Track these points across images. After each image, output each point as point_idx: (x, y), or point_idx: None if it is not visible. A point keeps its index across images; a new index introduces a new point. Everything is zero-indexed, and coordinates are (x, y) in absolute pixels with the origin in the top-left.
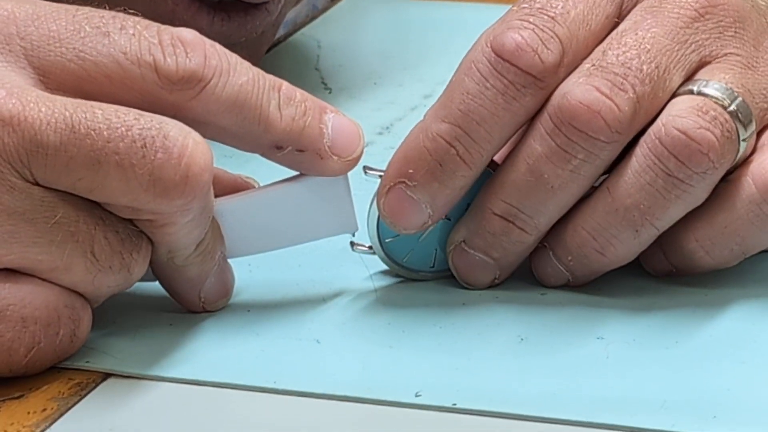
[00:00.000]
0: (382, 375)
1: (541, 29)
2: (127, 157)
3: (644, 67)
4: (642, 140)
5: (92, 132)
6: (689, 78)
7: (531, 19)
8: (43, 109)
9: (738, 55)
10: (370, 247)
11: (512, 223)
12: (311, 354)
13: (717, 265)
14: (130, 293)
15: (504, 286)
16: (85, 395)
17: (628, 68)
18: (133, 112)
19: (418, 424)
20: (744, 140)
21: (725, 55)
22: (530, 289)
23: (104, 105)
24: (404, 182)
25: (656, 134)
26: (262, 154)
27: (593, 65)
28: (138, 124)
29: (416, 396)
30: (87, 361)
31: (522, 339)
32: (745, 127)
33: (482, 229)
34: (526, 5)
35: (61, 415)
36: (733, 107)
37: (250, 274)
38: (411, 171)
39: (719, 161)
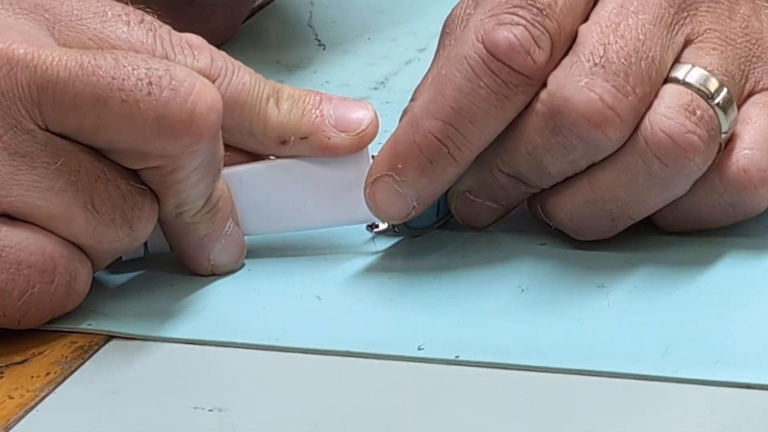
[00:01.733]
0: (384, 330)
1: (533, 25)
2: (132, 95)
3: (642, 63)
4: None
5: (99, 70)
6: (677, 59)
7: (521, 13)
8: (56, 52)
9: (716, 30)
10: (393, 228)
11: (520, 180)
12: (313, 311)
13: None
14: None
15: (503, 237)
16: (88, 358)
17: (629, 67)
18: (143, 56)
19: (421, 377)
20: (724, 133)
21: (705, 31)
22: (529, 240)
23: (116, 50)
24: (392, 176)
25: (643, 133)
26: (272, 153)
27: (594, 63)
28: (145, 64)
29: (419, 350)
30: (89, 324)
31: (523, 290)
32: (727, 116)
33: (489, 184)
34: None
35: (65, 378)
36: (718, 99)
37: None
38: (400, 166)
39: (704, 163)
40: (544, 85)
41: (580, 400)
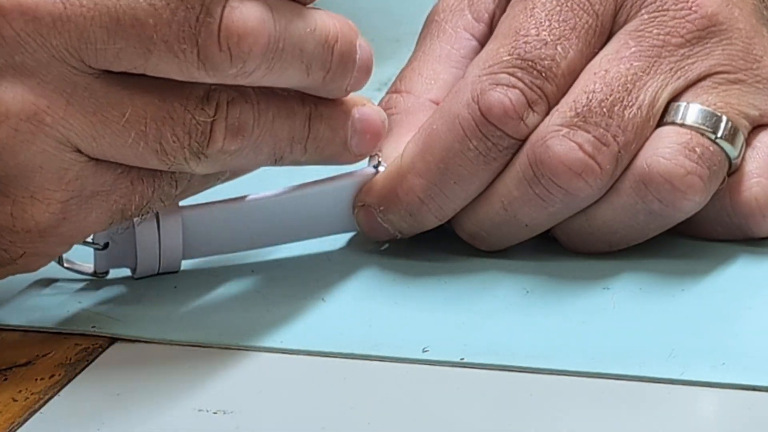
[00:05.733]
0: (388, 332)
1: (530, 88)
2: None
3: (626, 112)
4: (626, 177)
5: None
6: (675, 98)
7: (519, 74)
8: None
9: (726, 72)
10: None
11: (476, 238)
12: (317, 313)
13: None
14: None
15: None
16: (93, 360)
17: (610, 116)
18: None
19: (426, 379)
20: (735, 159)
21: (712, 74)
22: (534, 241)
23: None
24: (376, 209)
25: (641, 176)
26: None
27: (576, 113)
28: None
29: (423, 352)
30: (93, 326)
31: (527, 291)
32: (734, 144)
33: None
34: (517, 49)
35: (69, 380)
36: (721, 132)
37: None
38: (382, 208)
39: (706, 198)
40: None
41: (585, 403)
